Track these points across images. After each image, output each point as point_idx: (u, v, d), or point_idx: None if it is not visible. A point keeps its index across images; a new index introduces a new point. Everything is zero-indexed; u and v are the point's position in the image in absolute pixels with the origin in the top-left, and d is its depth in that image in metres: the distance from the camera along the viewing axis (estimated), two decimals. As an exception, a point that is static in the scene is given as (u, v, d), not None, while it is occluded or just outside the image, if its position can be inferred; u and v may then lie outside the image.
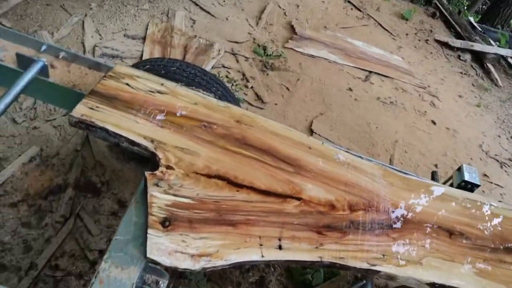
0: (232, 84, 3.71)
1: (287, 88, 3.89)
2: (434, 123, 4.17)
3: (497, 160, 4.09)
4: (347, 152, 1.82)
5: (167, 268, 1.34)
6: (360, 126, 3.80)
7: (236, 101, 2.51)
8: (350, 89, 4.12)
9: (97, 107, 1.60)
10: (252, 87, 3.75)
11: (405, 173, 1.86)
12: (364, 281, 1.70)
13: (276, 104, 3.71)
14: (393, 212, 1.68)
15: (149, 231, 1.35)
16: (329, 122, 3.72)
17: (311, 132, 3.58)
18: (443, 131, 4.14)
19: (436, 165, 3.76)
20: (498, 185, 3.84)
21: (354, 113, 3.90)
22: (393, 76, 4.48)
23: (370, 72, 4.40)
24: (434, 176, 2.60)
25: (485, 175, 3.87)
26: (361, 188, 1.71)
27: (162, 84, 1.78)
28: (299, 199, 1.59)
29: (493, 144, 4.25)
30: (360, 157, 1.83)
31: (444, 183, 2.36)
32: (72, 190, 2.65)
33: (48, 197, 2.61)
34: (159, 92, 1.74)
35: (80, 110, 1.57)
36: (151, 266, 1.34)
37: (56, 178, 2.70)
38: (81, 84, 2.02)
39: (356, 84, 4.20)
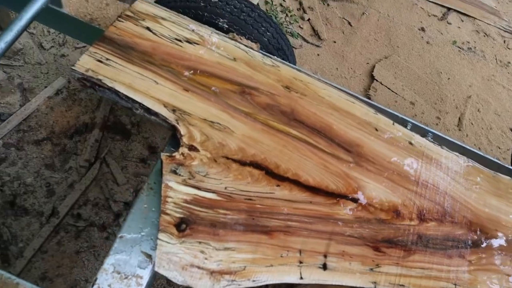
0: (287, 15, 3.22)
1: (349, 23, 3.35)
2: (517, 76, 3.56)
3: None
4: (426, 138, 1.41)
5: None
6: (429, 76, 3.27)
7: (288, 47, 2.08)
8: (422, 29, 3.52)
9: (107, 59, 1.25)
10: (309, 20, 3.25)
11: (497, 168, 1.44)
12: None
13: (334, 42, 3.22)
14: (473, 225, 1.30)
15: (160, 235, 1.06)
16: (394, 68, 3.21)
17: (372, 78, 3.10)
18: (527, 87, 3.53)
19: (512, 129, 3.24)
20: None
21: (424, 59, 3.35)
22: (475, 15, 3.80)
23: (449, 9, 3.74)
24: (516, 153, 2.15)
25: None
26: (436, 189, 1.32)
27: (193, 31, 1.39)
28: (355, 200, 1.23)
29: None
30: (440, 146, 1.41)
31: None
32: (99, 131, 2.40)
33: (73, 137, 2.38)
34: (188, 41, 1.36)
35: (85, 63, 1.22)
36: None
37: (83, 115, 2.45)
38: (100, 18, 1.68)
39: (430, 23, 3.59)
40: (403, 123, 1.47)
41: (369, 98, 3.05)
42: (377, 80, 3.07)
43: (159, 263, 1.04)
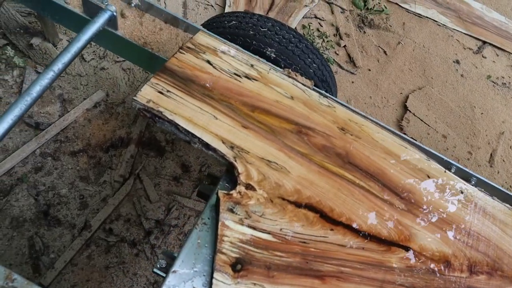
0: (323, 40, 3.24)
1: (385, 52, 3.35)
2: (551, 115, 3.51)
3: None
4: (476, 187, 1.40)
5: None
6: (462, 109, 3.25)
7: (332, 78, 2.09)
8: (457, 62, 3.51)
9: (168, 91, 1.27)
10: (345, 46, 3.26)
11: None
12: None
13: (369, 69, 3.22)
14: (525, 280, 1.29)
15: (216, 275, 1.06)
16: (427, 100, 3.20)
17: (405, 109, 3.09)
18: (560, 126, 3.49)
19: (545, 168, 3.19)
20: None
21: (458, 92, 3.33)
22: (511, 50, 3.77)
23: (484, 42, 3.72)
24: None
25: None
26: (487, 241, 1.31)
27: (252, 66, 1.40)
28: (407, 249, 1.23)
29: None
30: (491, 196, 1.40)
31: None
32: (134, 146, 2.42)
33: (109, 150, 2.41)
34: (247, 76, 1.38)
35: (147, 94, 1.24)
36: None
37: (120, 130, 2.48)
38: (153, 42, 1.70)
39: (465, 56, 3.57)
40: (447, 166, 1.46)
41: (401, 129, 3.05)
42: (410, 111, 3.06)
43: (214, 304, 1.04)
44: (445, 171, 1.38)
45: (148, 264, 2.21)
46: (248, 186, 1.18)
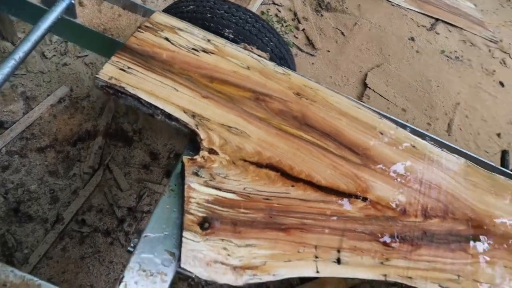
0: (282, 25, 3.32)
1: (342, 33, 3.46)
2: (502, 85, 3.70)
3: None
4: (426, 141, 1.50)
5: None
6: (419, 83, 3.39)
7: (290, 57, 2.17)
8: (412, 39, 3.65)
9: (129, 68, 1.31)
10: (303, 30, 3.35)
11: (491, 170, 1.53)
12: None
13: (328, 51, 3.32)
14: (473, 221, 1.39)
15: (185, 234, 1.12)
16: (386, 76, 3.32)
17: (365, 86, 3.21)
18: (511, 95, 3.67)
19: (499, 135, 3.37)
20: None
21: (414, 67, 3.47)
22: (462, 26, 3.95)
23: (437, 19, 3.88)
24: (504, 157, 2.25)
25: None
26: (438, 188, 1.41)
27: (208, 41, 1.46)
28: (365, 199, 1.31)
29: None
30: (440, 148, 1.50)
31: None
32: (101, 138, 2.44)
33: (76, 144, 2.42)
34: (204, 51, 1.43)
35: (109, 72, 1.29)
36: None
37: (86, 123, 2.49)
38: (113, 28, 1.73)
39: (420, 33, 3.72)
40: (403, 127, 1.56)
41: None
42: (369, 88, 3.18)
43: (185, 260, 1.10)
44: (397, 128, 1.48)
45: (123, 252, 2.23)
46: (211, 151, 1.24)
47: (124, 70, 1.30)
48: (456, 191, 1.42)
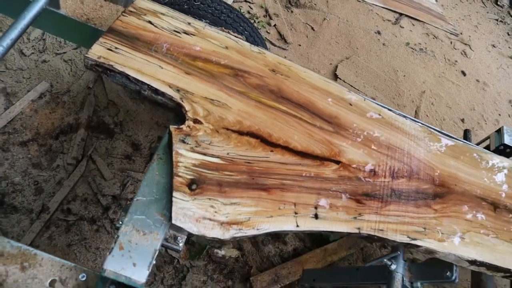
0: (254, 21, 3.45)
1: (312, 28, 3.62)
2: (464, 74, 3.92)
3: (527, 117, 3.89)
4: (391, 110, 1.64)
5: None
6: (387, 74, 3.57)
7: (264, 44, 2.29)
8: (379, 32, 3.84)
9: (116, 48, 1.41)
10: (275, 25, 3.49)
11: (450, 137, 1.69)
12: (398, 252, 1.58)
13: (299, 45, 3.47)
14: (436, 181, 1.53)
15: (175, 194, 1.22)
16: (355, 68, 3.49)
17: (335, 77, 3.36)
18: (472, 83, 3.90)
19: (462, 120, 3.58)
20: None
21: (381, 59, 3.66)
22: (424, 20, 4.17)
23: (401, 14, 4.09)
24: (467, 135, 2.43)
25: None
26: (404, 152, 1.55)
27: (189, 24, 1.57)
28: (337, 162, 1.44)
29: (524, 99, 4.03)
30: (404, 116, 1.65)
31: (479, 144, 2.19)
32: (84, 130, 2.51)
33: (59, 137, 2.48)
34: (185, 32, 1.54)
35: (97, 51, 1.38)
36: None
37: (67, 117, 2.55)
38: (95, 18, 1.81)
39: (385, 27, 3.91)
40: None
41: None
42: (340, 78, 3.33)
43: (176, 217, 1.20)
44: (364, 99, 1.61)
45: (109, 238, 2.30)
46: (196, 121, 1.35)
47: (111, 50, 1.40)
48: (420, 155, 1.57)
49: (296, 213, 1.30)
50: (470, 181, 1.58)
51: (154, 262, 1.20)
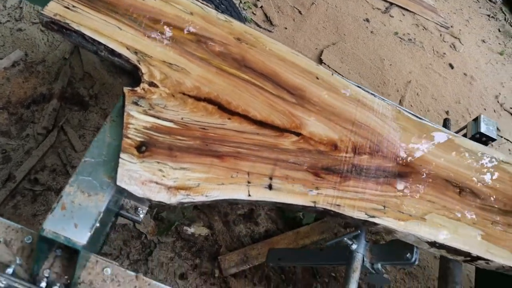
0: (241, 1, 3.39)
1: (300, 12, 3.57)
2: (451, 67, 3.88)
3: (512, 114, 3.86)
4: (359, 87, 1.60)
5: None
6: (373, 62, 3.53)
7: (240, 18, 2.25)
8: (367, 20, 3.79)
9: (73, 6, 1.36)
10: (261, 7, 3.44)
11: (420, 118, 1.65)
12: (359, 231, 1.55)
13: (286, 28, 3.42)
14: (400, 160, 1.50)
15: (122, 155, 1.18)
16: (341, 54, 3.45)
17: (320, 62, 3.32)
18: (459, 76, 3.86)
19: (447, 112, 3.54)
20: (508, 140, 3.64)
21: (368, 46, 3.61)
22: (415, 11, 4.12)
23: (391, 3, 4.04)
24: (446, 124, 2.40)
25: (497, 128, 3.65)
26: (369, 129, 1.52)
27: (153, -13, 1.52)
28: (298, 134, 1.40)
29: (510, 96, 3.99)
30: (373, 94, 1.61)
31: (457, 132, 2.16)
32: (57, 101, 2.45)
33: (30, 106, 2.43)
34: (149, -4, 1.49)
35: (53, 9, 1.33)
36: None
37: (41, 87, 2.50)
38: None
39: (374, 15, 3.86)
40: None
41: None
42: (325, 64, 3.29)
43: (121, 178, 1.16)
44: (332, 74, 1.57)
45: (76, 210, 2.26)
46: (151, 84, 1.30)
47: (68, 8, 1.35)
48: (385, 133, 1.53)
49: (249, 182, 1.26)
50: (436, 163, 1.55)
51: (98, 224, 1.16)
